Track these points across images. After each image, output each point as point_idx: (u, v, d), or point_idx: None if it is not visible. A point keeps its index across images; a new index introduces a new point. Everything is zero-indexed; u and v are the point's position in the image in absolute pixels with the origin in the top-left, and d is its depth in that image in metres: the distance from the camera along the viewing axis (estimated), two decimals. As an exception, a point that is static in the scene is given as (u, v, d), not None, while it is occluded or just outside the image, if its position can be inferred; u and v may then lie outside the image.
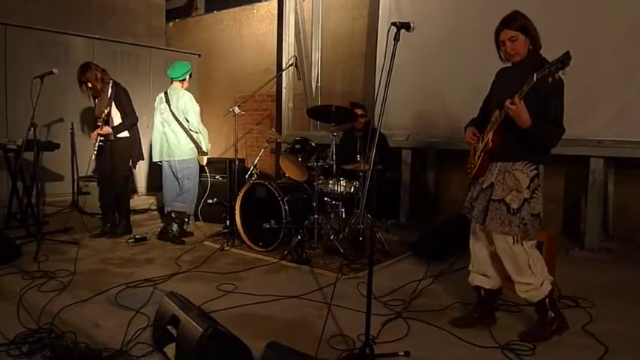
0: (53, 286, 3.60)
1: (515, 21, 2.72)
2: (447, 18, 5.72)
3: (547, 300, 2.81)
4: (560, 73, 2.54)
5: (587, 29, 4.73)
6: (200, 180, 5.96)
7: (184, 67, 5.18)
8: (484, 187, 2.87)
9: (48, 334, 2.93)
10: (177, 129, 5.04)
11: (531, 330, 2.89)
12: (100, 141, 4.92)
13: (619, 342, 2.79)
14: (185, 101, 5.05)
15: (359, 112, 5.45)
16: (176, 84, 5.14)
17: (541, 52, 2.79)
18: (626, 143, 4.57)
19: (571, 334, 2.91)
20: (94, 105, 5.15)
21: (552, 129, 2.65)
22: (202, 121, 5.23)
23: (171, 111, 5.03)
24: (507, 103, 2.56)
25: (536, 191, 2.71)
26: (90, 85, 4.94)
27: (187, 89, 5.23)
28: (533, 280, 2.77)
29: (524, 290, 2.82)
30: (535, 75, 2.44)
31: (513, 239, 2.72)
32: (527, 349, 2.70)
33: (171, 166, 5.15)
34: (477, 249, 3.06)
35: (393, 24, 2.51)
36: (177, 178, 5.17)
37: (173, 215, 5.09)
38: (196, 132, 5.11)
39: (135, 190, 6.29)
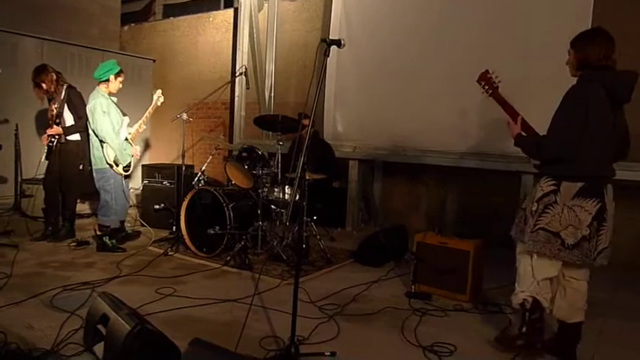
0: (-13, 288, 3.56)
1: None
2: (395, 34, 5.96)
3: (525, 313, 2.84)
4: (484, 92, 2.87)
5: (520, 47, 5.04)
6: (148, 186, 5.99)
7: (107, 65, 4.81)
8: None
9: (-23, 336, 2.90)
10: (91, 135, 4.77)
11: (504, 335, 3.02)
12: (50, 142, 4.87)
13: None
14: (93, 105, 4.68)
15: (305, 122, 5.57)
16: (100, 85, 4.79)
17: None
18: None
19: (491, 336, 3.12)
20: (47, 107, 5.11)
21: (536, 142, 2.75)
22: (153, 126, 5.16)
23: (87, 115, 4.78)
24: None
25: (551, 207, 2.66)
26: (44, 86, 4.90)
27: (110, 92, 4.83)
28: (517, 286, 2.88)
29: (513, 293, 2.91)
30: None
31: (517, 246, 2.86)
32: (447, 351, 2.87)
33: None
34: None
35: (323, 40, 2.64)
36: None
37: (98, 232, 4.81)
38: (100, 140, 4.72)
39: (83, 195, 6.19)
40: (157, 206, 5.69)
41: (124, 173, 4.90)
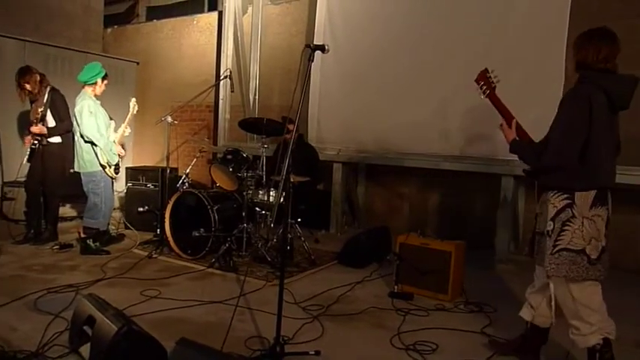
0: (-31, 291, 3.54)
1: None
2: (378, 38, 6.04)
3: (596, 353, 2.51)
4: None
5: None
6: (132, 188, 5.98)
7: (94, 69, 4.81)
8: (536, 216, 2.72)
9: (-40, 339, 2.89)
10: (79, 138, 4.77)
11: None
12: (33, 143, 4.86)
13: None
14: (81, 106, 4.68)
15: (290, 127, 5.59)
16: (86, 88, 4.79)
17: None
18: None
19: (472, 334, 3.20)
20: (29, 108, 5.08)
21: (534, 149, 2.59)
22: (138, 129, 5.17)
23: (75, 117, 4.76)
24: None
25: (570, 223, 2.45)
26: (28, 87, 4.89)
27: (96, 95, 4.84)
28: (580, 325, 2.53)
29: (570, 332, 2.59)
30: None
31: (547, 275, 2.57)
32: (429, 349, 2.94)
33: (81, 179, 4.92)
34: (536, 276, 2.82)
35: (307, 46, 2.69)
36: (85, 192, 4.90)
37: (82, 235, 4.81)
38: (89, 142, 4.71)
39: (66, 197, 6.14)
40: (141, 209, 5.68)
41: (115, 176, 4.95)
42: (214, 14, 8.29)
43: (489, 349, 2.97)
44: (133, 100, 5.09)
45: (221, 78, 6.37)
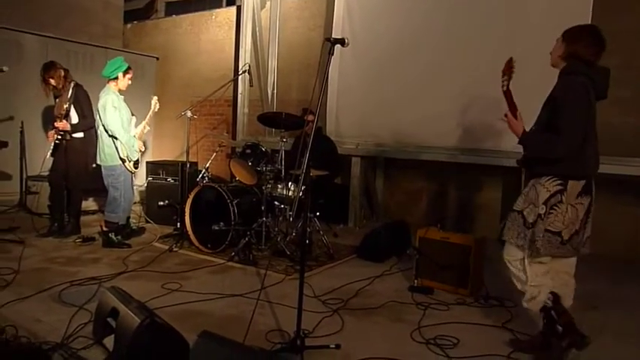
0: (-5, 284, 3.61)
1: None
2: (397, 32, 6.00)
3: (550, 312, 2.70)
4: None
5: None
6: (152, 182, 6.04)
7: (115, 63, 4.87)
8: None
9: (-12, 330, 2.95)
10: (102, 132, 4.83)
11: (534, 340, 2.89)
12: (57, 138, 4.93)
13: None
14: (104, 100, 4.75)
15: (310, 118, 5.55)
16: (110, 83, 4.86)
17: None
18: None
19: (492, 329, 3.17)
20: (54, 103, 5.16)
21: (547, 139, 2.60)
22: (157, 123, 5.21)
23: (98, 111, 4.83)
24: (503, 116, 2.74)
25: (556, 207, 2.58)
26: (53, 82, 4.96)
27: (120, 90, 4.90)
28: (526, 291, 2.76)
29: (523, 301, 2.80)
30: None
31: (524, 253, 2.71)
32: (450, 344, 2.92)
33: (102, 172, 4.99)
34: None
35: (327, 39, 2.68)
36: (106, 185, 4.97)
37: (105, 229, 4.89)
38: (111, 136, 4.79)
39: (88, 191, 6.24)
40: (161, 203, 5.75)
41: (134, 170, 4.99)
42: (233, 9, 8.32)
43: (510, 347, 2.94)
44: (155, 98, 5.14)
45: (240, 72, 6.40)
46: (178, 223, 5.31)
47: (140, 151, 5.07)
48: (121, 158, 4.84)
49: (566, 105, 2.55)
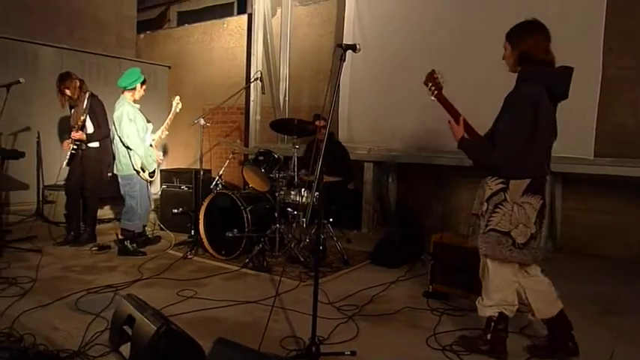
0: (14, 292, 3.65)
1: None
2: (408, 36, 6.00)
3: (491, 322, 2.79)
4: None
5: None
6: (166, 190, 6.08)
7: (133, 74, 4.91)
8: None
9: (7, 338, 2.98)
10: (118, 142, 4.87)
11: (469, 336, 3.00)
12: (73, 148, 5.00)
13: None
14: (120, 112, 4.80)
15: (320, 123, 5.55)
16: (125, 93, 4.90)
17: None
18: (569, 159, 4.86)
19: (510, 335, 3.12)
20: (70, 114, 5.23)
21: (482, 149, 2.70)
22: (171, 131, 5.23)
23: (114, 122, 4.89)
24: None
25: (501, 206, 2.62)
26: (68, 93, 5.03)
27: (135, 100, 4.94)
28: (484, 296, 2.82)
29: (477, 300, 2.88)
30: None
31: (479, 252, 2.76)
32: (466, 350, 2.89)
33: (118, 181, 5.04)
34: None
35: (339, 46, 2.69)
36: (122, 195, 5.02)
37: (120, 236, 4.93)
38: (127, 147, 4.82)
39: (104, 200, 6.32)
40: (175, 210, 5.79)
41: (149, 179, 5.02)
42: (244, 17, 8.38)
43: (528, 353, 2.90)
44: (177, 98, 5.17)
45: (252, 80, 6.44)
46: (192, 231, 5.34)
47: (158, 162, 5.12)
48: (135, 169, 4.88)
49: (508, 117, 2.62)
